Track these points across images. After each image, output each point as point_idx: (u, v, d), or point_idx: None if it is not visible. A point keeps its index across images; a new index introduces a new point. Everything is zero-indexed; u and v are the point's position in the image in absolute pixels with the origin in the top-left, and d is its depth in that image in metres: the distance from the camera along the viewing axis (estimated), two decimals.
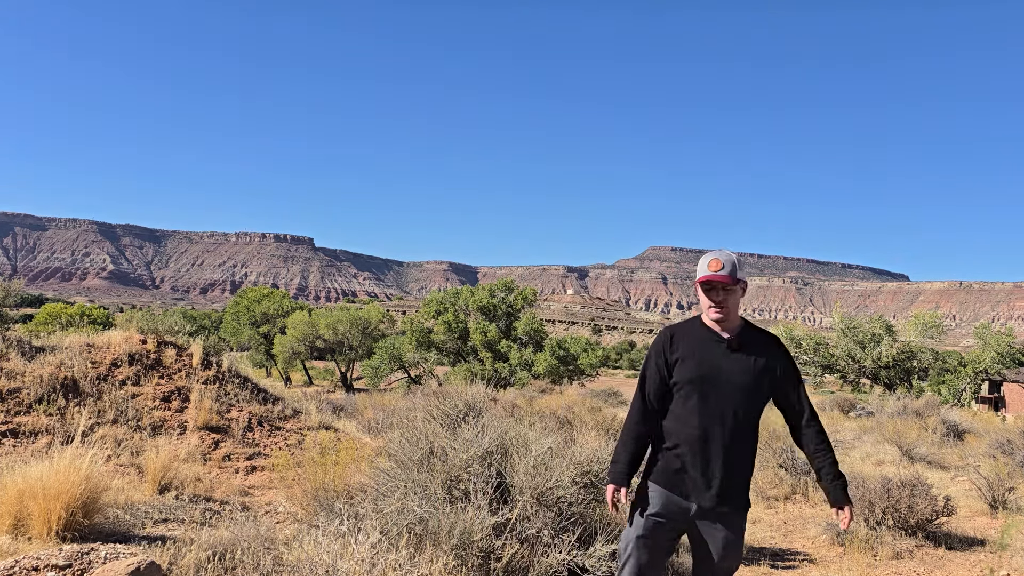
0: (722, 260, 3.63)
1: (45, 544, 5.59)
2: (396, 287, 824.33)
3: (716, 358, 3.63)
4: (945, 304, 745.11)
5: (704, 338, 3.68)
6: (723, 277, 3.59)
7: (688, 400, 3.62)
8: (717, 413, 3.59)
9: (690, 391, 3.62)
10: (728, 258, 3.64)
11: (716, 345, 3.65)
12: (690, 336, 3.71)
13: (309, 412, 11.77)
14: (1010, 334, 35.46)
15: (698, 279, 3.65)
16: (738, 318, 3.72)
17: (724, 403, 3.58)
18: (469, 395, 10.01)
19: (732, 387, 3.59)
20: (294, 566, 4.56)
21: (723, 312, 3.63)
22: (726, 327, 3.68)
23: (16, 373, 9.81)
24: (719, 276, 3.59)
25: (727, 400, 3.58)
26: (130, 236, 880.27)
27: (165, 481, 7.92)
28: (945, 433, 17.54)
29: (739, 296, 3.67)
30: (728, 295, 3.62)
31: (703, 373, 3.61)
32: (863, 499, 8.20)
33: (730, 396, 3.59)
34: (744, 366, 3.61)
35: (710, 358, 3.63)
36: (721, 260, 3.63)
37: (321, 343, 48.12)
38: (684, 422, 3.63)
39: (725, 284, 3.60)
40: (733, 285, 3.62)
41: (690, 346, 3.67)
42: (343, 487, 6.62)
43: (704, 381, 3.60)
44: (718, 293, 3.62)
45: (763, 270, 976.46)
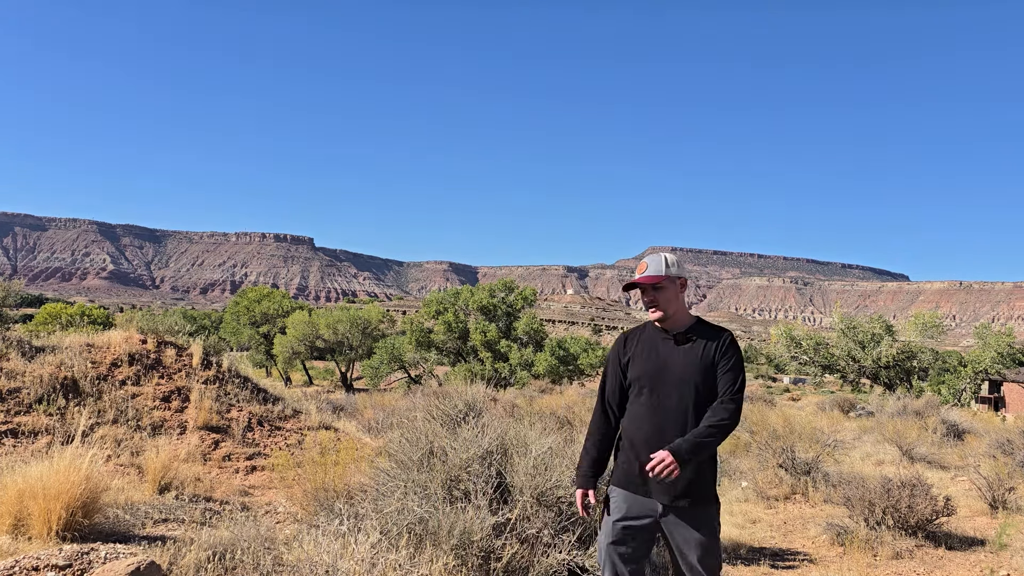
0: (648, 262, 3.81)
1: (45, 544, 5.59)
2: (396, 287, 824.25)
3: (663, 354, 3.72)
4: (945, 304, 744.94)
5: (653, 337, 3.80)
6: (645, 279, 3.74)
7: (639, 397, 3.71)
8: (668, 408, 3.64)
9: (640, 388, 3.71)
10: (656, 259, 3.81)
11: (664, 342, 3.75)
12: (642, 337, 3.84)
13: (309, 412, 11.77)
14: (1010, 334, 35.46)
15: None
16: (685, 316, 3.80)
17: (673, 398, 3.64)
18: (469, 395, 10.01)
19: (679, 381, 3.64)
20: (294, 566, 4.56)
21: (658, 310, 3.74)
22: (671, 324, 3.77)
23: (16, 373, 9.81)
24: (641, 278, 3.76)
25: (676, 394, 3.64)
26: (130, 236, 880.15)
27: (165, 481, 7.92)
28: (945, 433, 17.54)
29: (674, 293, 3.76)
30: (658, 293, 3.74)
31: (651, 369, 3.71)
32: (863, 499, 8.20)
33: (678, 390, 3.64)
34: (690, 359, 3.67)
35: (657, 354, 3.73)
36: (647, 262, 3.82)
37: (321, 343, 48.13)
38: (638, 420, 3.70)
39: (653, 284, 3.74)
40: (662, 283, 3.73)
41: (641, 345, 3.80)
42: (343, 487, 6.62)
43: (652, 377, 3.69)
44: (648, 293, 3.76)
45: (763, 270, 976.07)
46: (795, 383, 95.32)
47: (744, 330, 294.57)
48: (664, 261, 3.79)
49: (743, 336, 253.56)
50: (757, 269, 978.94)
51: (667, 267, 3.77)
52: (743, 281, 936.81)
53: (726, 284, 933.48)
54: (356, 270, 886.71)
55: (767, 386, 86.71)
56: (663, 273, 3.75)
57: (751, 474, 11.36)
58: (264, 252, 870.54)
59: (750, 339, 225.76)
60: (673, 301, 3.74)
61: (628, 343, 3.86)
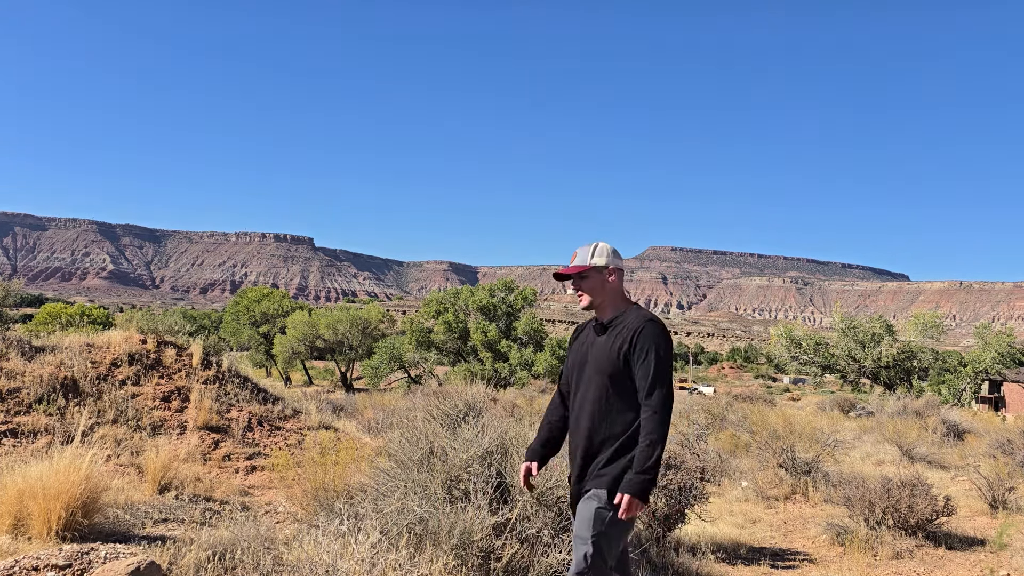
0: (578, 250, 3.91)
1: (45, 544, 5.58)
2: (396, 287, 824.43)
3: (586, 345, 3.84)
4: (945, 304, 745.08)
5: (589, 327, 3.91)
6: (568, 269, 3.86)
7: (573, 387, 3.85)
8: (585, 400, 3.73)
9: (574, 381, 3.85)
10: (584, 249, 3.89)
11: (591, 332, 3.87)
12: (586, 327, 3.95)
13: (309, 412, 11.77)
14: (1011, 334, 35.45)
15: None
16: (614, 306, 3.83)
17: (588, 386, 3.73)
18: (469, 395, 10.02)
19: (593, 370, 3.72)
20: (294, 566, 4.56)
21: (584, 299, 3.83)
22: (602, 313, 3.84)
23: (16, 373, 9.81)
24: (566, 269, 3.89)
25: (590, 387, 3.71)
26: (130, 236, 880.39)
27: (165, 481, 7.92)
28: (945, 433, 17.55)
29: (599, 282, 3.82)
30: (583, 282, 3.82)
31: (575, 361, 3.86)
32: (863, 499, 8.21)
33: (592, 382, 3.71)
34: (605, 348, 3.72)
35: (583, 345, 3.87)
36: (577, 250, 3.91)
37: (321, 343, 48.16)
38: (571, 410, 3.86)
39: (578, 274, 3.83)
40: (586, 272, 3.81)
41: (580, 338, 3.95)
42: (343, 487, 6.62)
43: (576, 367, 3.84)
44: (574, 282, 3.87)
45: (763, 270, 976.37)
46: (795, 383, 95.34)
47: (744, 330, 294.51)
48: (592, 251, 3.86)
49: (743, 336, 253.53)
50: (757, 269, 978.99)
51: (593, 256, 3.83)
52: (743, 281, 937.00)
53: (726, 284, 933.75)
54: (356, 270, 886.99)
55: (767, 386, 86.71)
56: (587, 263, 3.83)
57: (751, 474, 11.37)
58: (264, 252, 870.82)
59: (750, 339, 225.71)
60: (598, 290, 3.80)
61: (574, 335, 4.02)
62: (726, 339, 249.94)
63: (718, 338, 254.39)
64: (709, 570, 6.71)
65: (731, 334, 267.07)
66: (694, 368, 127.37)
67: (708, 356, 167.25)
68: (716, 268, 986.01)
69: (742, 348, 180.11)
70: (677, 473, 7.18)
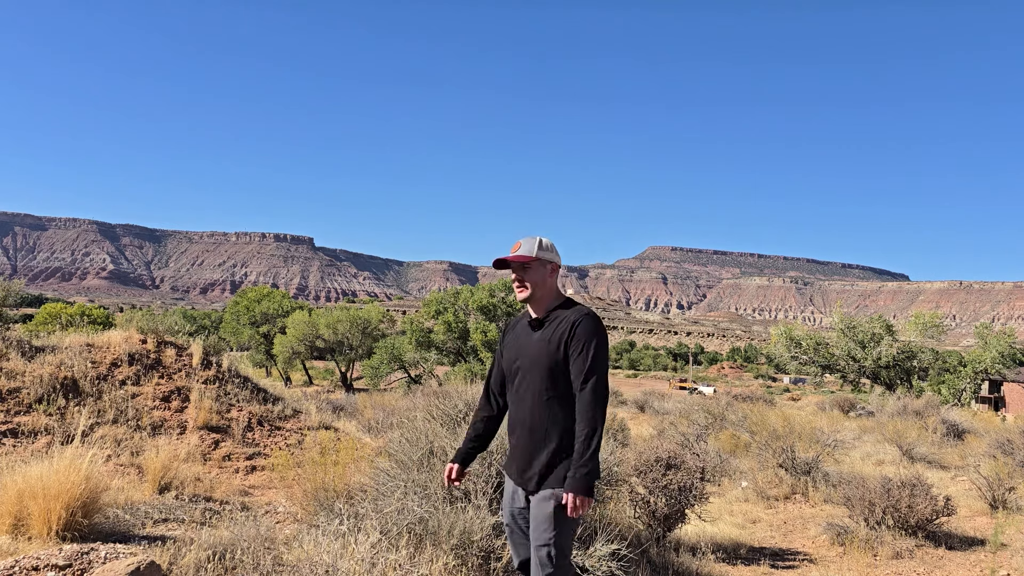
0: (521, 242, 3.79)
1: (45, 544, 5.58)
2: (396, 287, 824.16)
3: (522, 339, 3.75)
4: (945, 304, 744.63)
5: (523, 324, 3.82)
6: (516, 257, 3.72)
7: (510, 385, 3.78)
8: (524, 397, 3.67)
9: (511, 376, 3.78)
10: (529, 240, 3.78)
11: (526, 327, 3.78)
12: (518, 324, 3.87)
13: (309, 412, 11.77)
14: (1011, 334, 35.42)
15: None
16: (551, 300, 3.76)
17: (526, 383, 3.66)
18: (469, 395, 9.99)
19: (531, 363, 3.65)
20: (294, 566, 4.56)
21: (524, 290, 3.73)
22: (537, 307, 3.76)
23: (16, 373, 9.81)
24: (512, 256, 3.73)
25: (529, 383, 3.65)
26: (130, 236, 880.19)
27: (165, 481, 7.91)
28: (945, 433, 17.55)
29: (542, 275, 3.73)
30: (525, 273, 3.72)
31: (511, 357, 3.77)
32: (863, 499, 8.20)
33: (529, 375, 3.65)
34: (541, 342, 3.65)
35: (518, 340, 3.78)
36: (521, 242, 3.79)
37: (321, 343, 48.12)
38: (509, 406, 3.81)
39: (522, 263, 3.72)
40: (530, 263, 3.71)
41: (513, 333, 3.85)
42: (343, 487, 6.61)
43: (513, 363, 3.76)
44: (516, 272, 3.75)
45: (763, 270, 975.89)
46: (795, 383, 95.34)
47: (744, 330, 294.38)
48: (538, 243, 3.77)
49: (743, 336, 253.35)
50: (757, 269, 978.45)
51: (539, 249, 3.75)
52: (743, 281, 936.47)
53: (726, 284, 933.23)
54: (356, 270, 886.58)
55: (767, 386, 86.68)
56: (534, 254, 3.73)
57: (751, 474, 11.36)
58: (264, 252, 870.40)
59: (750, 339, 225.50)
60: (540, 284, 3.72)
61: (507, 331, 3.91)
62: (726, 339, 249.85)
63: (718, 338, 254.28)
64: (709, 570, 6.71)
65: (731, 334, 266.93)
66: (694, 368, 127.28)
67: (708, 356, 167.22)
68: (716, 268, 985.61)
69: (742, 348, 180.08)
70: (677, 473, 7.17)
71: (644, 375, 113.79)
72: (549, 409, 3.60)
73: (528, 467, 3.63)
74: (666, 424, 16.72)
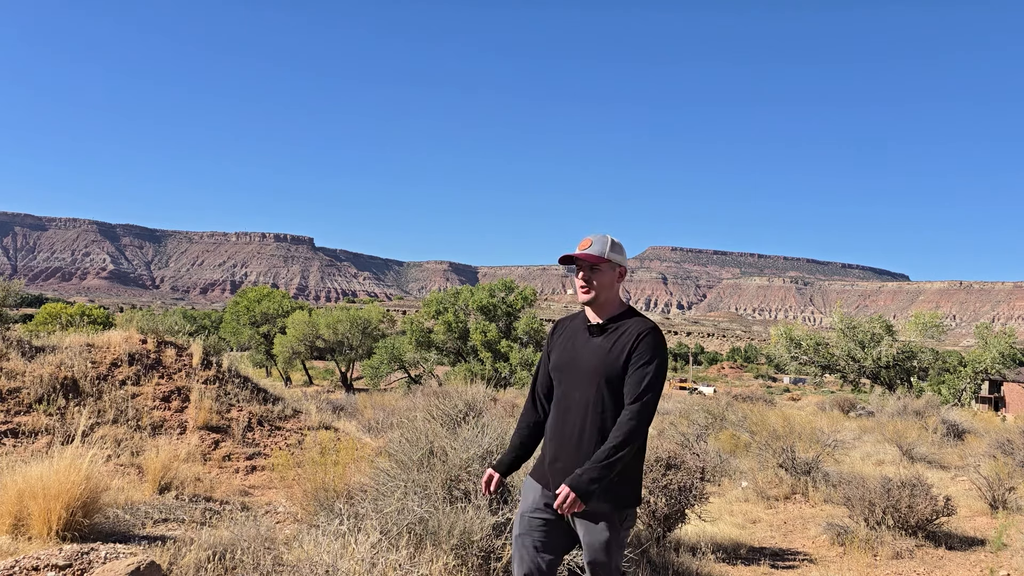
0: (592, 239, 3.52)
1: (45, 544, 5.58)
2: (396, 287, 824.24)
3: (578, 345, 3.51)
4: (945, 304, 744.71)
5: (577, 326, 3.58)
6: (587, 256, 3.46)
7: (557, 389, 3.54)
8: (571, 404, 3.44)
9: (558, 380, 3.54)
10: (601, 238, 3.53)
11: (582, 332, 3.53)
12: (570, 325, 3.63)
13: (309, 412, 11.77)
14: (1011, 334, 35.42)
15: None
16: (614, 306, 3.54)
17: (577, 393, 3.43)
18: (469, 395, 10.01)
19: (586, 376, 3.42)
20: (294, 566, 4.56)
21: (589, 292, 3.48)
22: (599, 312, 3.52)
23: (16, 373, 9.81)
24: (583, 254, 3.47)
25: (580, 390, 3.42)
26: (130, 236, 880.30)
27: (165, 481, 7.91)
28: (945, 433, 17.55)
29: (611, 278, 3.50)
30: (595, 275, 3.48)
31: (563, 361, 3.51)
32: (863, 499, 8.20)
33: (582, 385, 3.42)
34: (600, 352, 3.43)
35: (573, 344, 3.52)
36: (591, 239, 3.53)
37: (321, 343, 48.11)
38: (551, 413, 3.56)
39: (592, 263, 3.47)
40: (601, 265, 3.47)
41: (564, 334, 3.60)
42: (343, 487, 6.61)
43: (563, 370, 3.51)
44: (584, 272, 3.50)
45: (763, 270, 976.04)
46: (795, 383, 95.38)
47: (744, 330, 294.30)
48: (609, 243, 3.52)
49: (743, 336, 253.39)
50: (757, 269, 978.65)
51: (611, 250, 3.50)
52: (743, 281, 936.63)
53: (726, 284, 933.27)
54: (356, 270, 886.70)
55: (767, 386, 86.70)
56: (605, 255, 3.48)
57: (751, 474, 11.36)
58: (264, 252, 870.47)
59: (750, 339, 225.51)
60: (607, 287, 3.49)
61: (556, 331, 3.66)
62: (726, 339, 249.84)
63: (718, 338, 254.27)
64: (709, 570, 6.71)
65: (731, 334, 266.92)
66: (694, 368, 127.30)
67: (708, 356, 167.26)
68: (716, 268, 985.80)
69: (742, 348, 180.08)
70: (677, 473, 7.17)
71: None
72: (602, 421, 3.39)
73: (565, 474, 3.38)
74: (666, 424, 16.71)
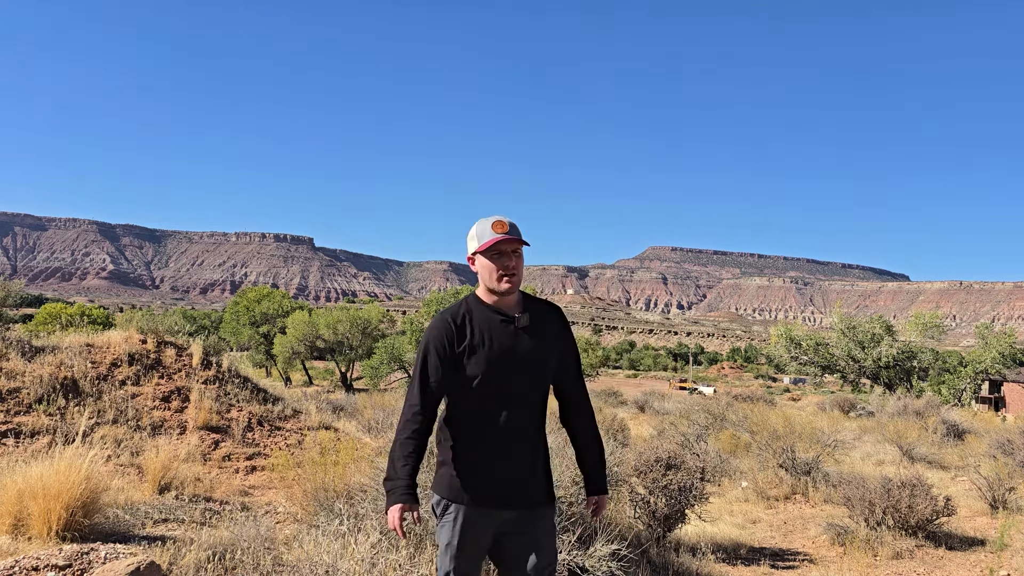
0: (507, 221, 3.11)
1: (45, 544, 5.58)
2: (396, 287, 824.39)
3: (505, 342, 3.10)
4: (945, 304, 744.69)
5: (488, 319, 3.14)
6: (518, 240, 3.08)
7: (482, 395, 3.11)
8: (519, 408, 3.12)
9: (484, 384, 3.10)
10: (512, 223, 3.13)
11: (502, 326, 3.12)
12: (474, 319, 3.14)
13: (309, 412, 11.76)
14: (1011, 334, 35.43)
15: (486, 243, 3.06)
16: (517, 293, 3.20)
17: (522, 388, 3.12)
18: None
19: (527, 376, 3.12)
20: (294, 566, 4.56)
21: (513, 280, 3.10)
22: (506, 303, 3.15)
23: (16, 373, 9.81)
24: (514, 237, 3.07)
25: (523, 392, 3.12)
26: (130, 236, 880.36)
27: (165, 481, 7.91)
28: (945, 433, 17.55)
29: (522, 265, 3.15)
30: (519, 261, 3.12)
31: (494, 362, 3.08)
32: (863, 499, 8.20)
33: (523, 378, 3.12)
34: (535, 348, 3.13)
35: (499, 343, 3.10)
36: (505, 221, 3.11)
37: (321, 343, 48.11)
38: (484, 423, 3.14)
39: (518, 248, 3.11)
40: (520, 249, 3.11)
41: (477, 331, 3.11)
42: (343, 487, 6.61)
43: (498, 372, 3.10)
44: (511, 258, 3.09)
45: (763, 270, 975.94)
46: (795, 383, 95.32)
47: (744, 330, 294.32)
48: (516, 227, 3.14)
49: (743, 336, 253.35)
50: (757, 269, 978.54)
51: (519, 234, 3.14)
52: (743, 281, 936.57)
53: (726, 284, 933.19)
54: (356, 270, 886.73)
55: (767, 386, 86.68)
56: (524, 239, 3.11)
57: (751, 474, 11.36)
58: (264, 252, 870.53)
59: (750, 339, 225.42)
60: (521, 275, 3.15)
61: (461, 327, 3.10)
62: (726, 339, 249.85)
63: (718, 338, 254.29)
64: (709, 570, 6.71)
65: (731, 334, 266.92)
66: (694, 368, 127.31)
67: (708, 356, 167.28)
68: (716, 268, 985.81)
69: (742, 348, 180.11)
70: (677, 473, 7.17)
71: (644, 375, 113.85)
72: (540, 414, 3.17)
73: (531, 477, 3.14)
74: (666, 424, 16.72)
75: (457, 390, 3.11)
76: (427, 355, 3.11)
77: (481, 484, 3.07)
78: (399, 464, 3.01)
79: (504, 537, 3.14)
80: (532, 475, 3.15)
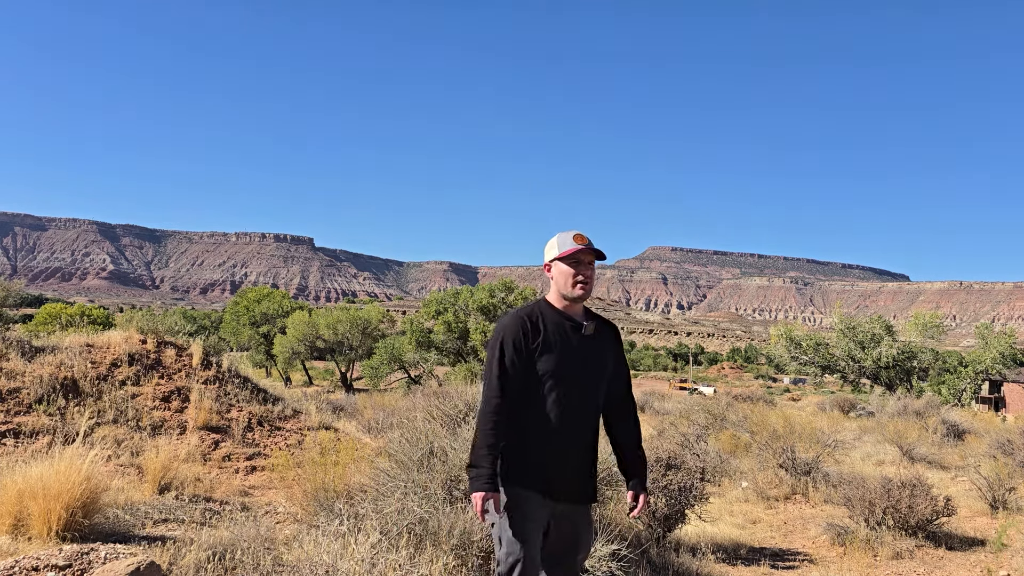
0: (585, 236, 3.42)
1: (45, 544, 5.58)
2: (396, 287, 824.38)
3: (576, 347, 3.38)
4: (945, 304, 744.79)
5: (559, 324, 3.40)
6: (595, 252, 3.41)
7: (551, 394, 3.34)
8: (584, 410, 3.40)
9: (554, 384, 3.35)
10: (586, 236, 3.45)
11: (573, 332, 3.39)
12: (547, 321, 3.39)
13: (309, 412, 11.77)
14: (1011, 334, 35.44)
15: (568, 251, 3.34)
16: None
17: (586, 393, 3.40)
18: (469, 395, 9.99)
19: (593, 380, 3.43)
20: (294, 566, 4.56)
21: (586, 289, 3.38)
22: (576, 310, 3.44)
23: (16, 373, 9.81)
24: (592, 249, 3.39)
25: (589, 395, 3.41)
26: (130, 236, 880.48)
27: (165, 481, 7.91)
28: (945, 433, 17.55)
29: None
30: (592, 273, 3.43)
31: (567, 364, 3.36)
32: (863, 499, 8.20)
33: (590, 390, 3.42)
34: (600, 355, 3.44)
35: (571, 347, 3.37)
36: (584, 235, 3.41)
37: (321, 343, 48.09)
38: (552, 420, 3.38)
39: (593, 260, 3.42)
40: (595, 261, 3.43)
41: (551, 332, 3.36)
42: (343, 487, 6.61)
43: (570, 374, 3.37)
44: (586, 268, 3.40)
45: (763, 270, 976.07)
46: (795, 383, 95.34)
47: (744, 330, 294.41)
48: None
49: (743, 336, 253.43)
50: (757, 269, 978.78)
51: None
52: (743, 281, 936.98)
53: (726, 284, 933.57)
54: (356, 270, 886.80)
55: (767, 386, 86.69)
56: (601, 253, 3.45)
57: (751, 474, 11.36)
58: (264, 252, 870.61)
59: (750, 339, 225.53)
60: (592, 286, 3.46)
61: (535, 325, 3.34)
62: (726, 339, 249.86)
63: (718, 338, 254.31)
64: (709, 570, 6.71)
65: (731, 334, 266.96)
66: (694, 368, 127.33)
67: (708, 356, 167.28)
68: (716, 268, 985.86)
69: (742, 348, 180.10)
70: (677, 473, 7.18)
71: (644, 375, 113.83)
72: (596, 417, 3.47)
73: (585, 475, 3.44)
74: (666, 424, 16.71)
75: (526, 385, 3.32)
76: (504, 348, 3.32)
77: (544, 477, 3.32)
78: (482, 453, 3.26)
79: (551, 528, 3.40)
80: (587, 473, 3.44)
